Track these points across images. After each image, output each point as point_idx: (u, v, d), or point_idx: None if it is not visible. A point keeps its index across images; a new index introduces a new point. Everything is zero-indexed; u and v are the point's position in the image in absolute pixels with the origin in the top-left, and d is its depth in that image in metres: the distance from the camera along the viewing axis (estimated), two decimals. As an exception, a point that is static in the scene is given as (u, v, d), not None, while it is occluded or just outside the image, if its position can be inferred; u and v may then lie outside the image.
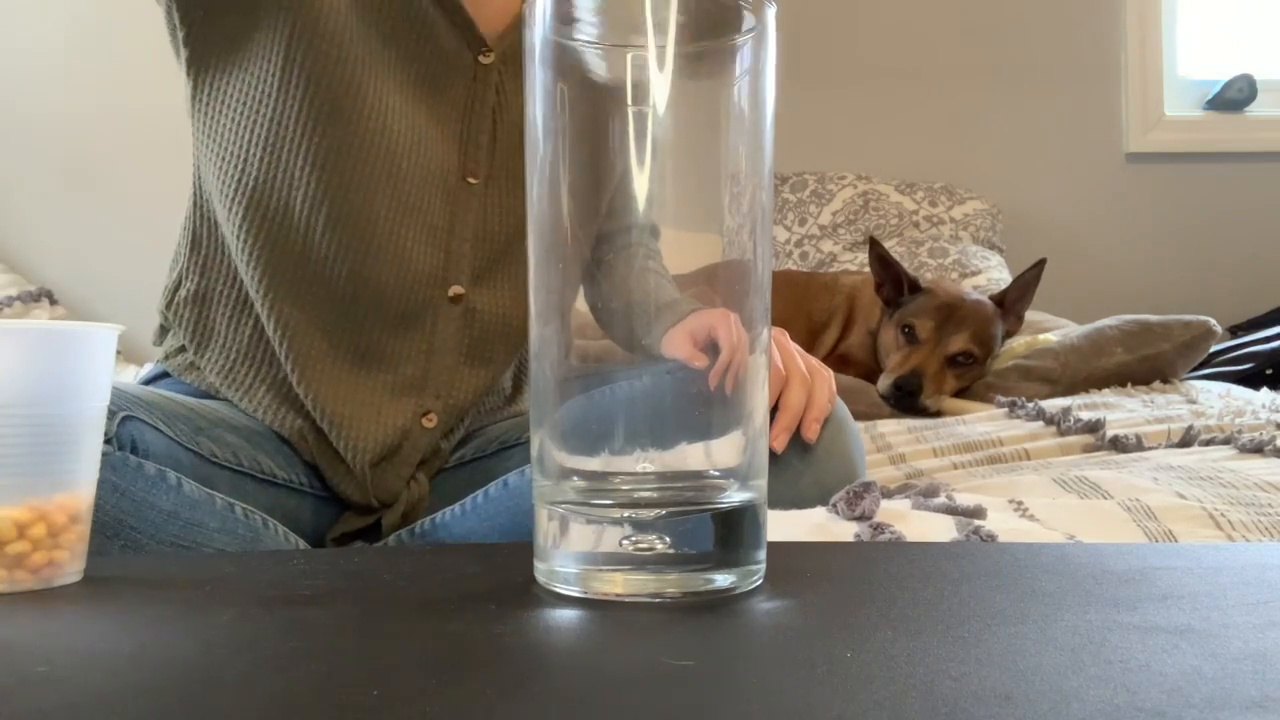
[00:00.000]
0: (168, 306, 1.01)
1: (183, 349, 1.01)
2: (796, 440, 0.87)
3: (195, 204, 0.99)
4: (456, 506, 0.90)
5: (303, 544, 0.86)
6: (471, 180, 0.97)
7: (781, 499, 0.81)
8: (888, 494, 0.88)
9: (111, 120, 2.51)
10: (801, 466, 0.86)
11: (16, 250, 2.50)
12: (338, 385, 0.94)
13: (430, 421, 0.97)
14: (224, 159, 0.94)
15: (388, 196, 0.92)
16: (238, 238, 0.94)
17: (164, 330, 1.04)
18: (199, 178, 0.99)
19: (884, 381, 1.72)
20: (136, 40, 2.38)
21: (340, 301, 0.94)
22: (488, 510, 0.88)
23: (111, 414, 0.78)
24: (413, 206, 0.94)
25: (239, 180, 0.93)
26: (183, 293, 0.99)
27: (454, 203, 0.96)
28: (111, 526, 0.74)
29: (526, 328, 0.48)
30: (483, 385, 1.00)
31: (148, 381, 1.04)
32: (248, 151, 0.92)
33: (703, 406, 0.45)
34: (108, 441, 0.77)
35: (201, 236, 0.99)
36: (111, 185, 2.52)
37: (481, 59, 0.97)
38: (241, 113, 0.92)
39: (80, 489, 0.51)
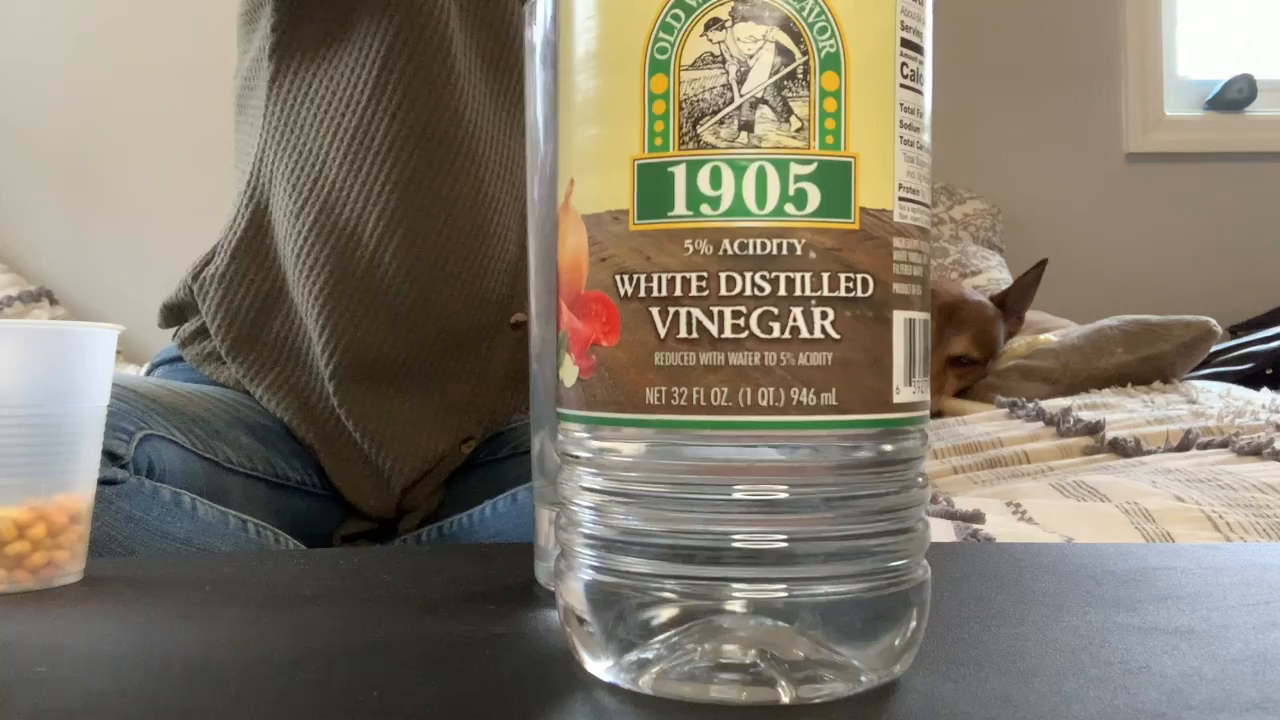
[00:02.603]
0: (194, 278, 0.96)
1: (199, 335, 0.97)
2: None
3: (249, 185, 0.94)
4: (464, 517, 0.89)
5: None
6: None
7: None
8: None
9: (112, 121, 2.51)
10: None
11: (16, 250, 2.50)
12: (381, 405, 0.91)
13: (469, 448, 0.95)
14: (299, 157, 0.89)
15: (467, 222, 0.89)
16: (300, 241, 0.89)
17: (175, 312, 1.00)
18: (260, 161, 0.93)
19: None
20: (137, 41, 2.38)
21: (400, 323, 0.90)
22: (496, 525, 0.87)
23: (129, 434, 0.77)
24: (491, 233, 0.91)
25: (314, 183, 0.88)
26: (212, 269, 0.95)
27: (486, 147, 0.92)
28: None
29: None
30: (521, 410, 0.98)
31: (160, 363, 1.01)
32: (327, 155, 0.88)
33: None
34: (124, 466, 0.75)
35: (243, 219, 0.94)
36: (111, 185, 2.52)
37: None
38: (326, 111, 0.88)
39: (80, 489, 0.51)
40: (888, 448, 0.32)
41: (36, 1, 2.49)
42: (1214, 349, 1.81)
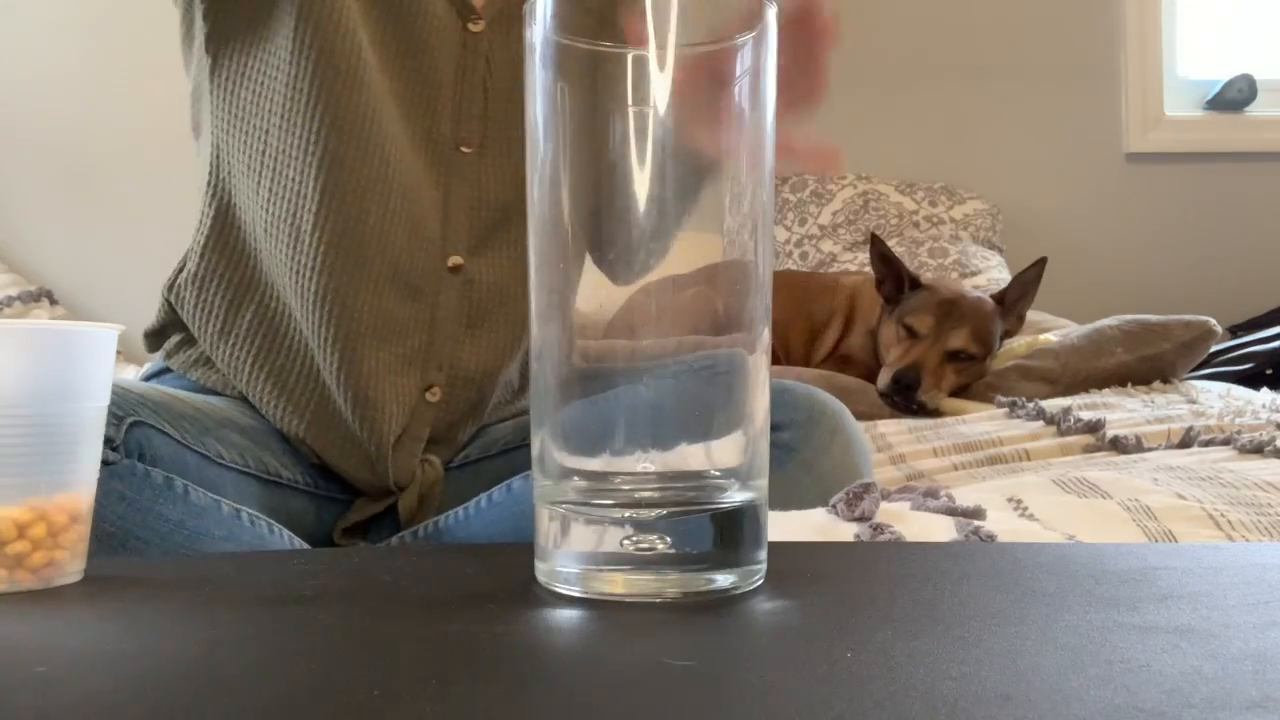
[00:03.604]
0: (170, 289, 1.01)
1: (184, 344, 1.01)
2: (800, 453, 0.86)
3: (210, 185, 0.99)
4: (460, 510, 0.90)
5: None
6: (465, 150, 0.98)
7: (784, 506, 0.81)
8: (887, 495, 0.88)
9: (112, 121, 2.51)
10: (808, 482, 0.85)
11: (16, 250, 2.50)
12: (363, 363, 0.94)
13: (434, 396, 0.97)
14: (248, 134, 0.95)
15: (384, 164, 0.93)
16: (264, 213, 0.94)
17: (158, 335, 1.04)
18: (216, 156, 0.99)
19: (883, 376, 1.73)
20: (136, 42, 2.38)
21: (363, 271, 0.94)
22: (492, 515, 0.88)
23: (119, 419, 0.78)
24: (411, 175, 0.95)
25: (263, 154, 0.94)
26: (183, 276, 1.00)
27: (449, 172, 0.97)
28: (117, 537, 0.74)
29: (525, 298, 0.48)
30: (486, 360, 1.00)
31: (149, 377, 1.04)
32: (267, 122, 0.93)
33: (703, 407, 0.45)
34: (115, 449, 0.76)
35: (208, 218, 0.99)
36: (111, 186, 2.52)
37: (471, 27, 0.98)
38: (261, 83, 0.94)
39: (80, 489, 0.51)
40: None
41: (37, 2, 2.50)
42: (1214, 349, 1.82)
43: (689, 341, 0.45)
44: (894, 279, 1.86)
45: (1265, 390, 1.60)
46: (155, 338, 1.04)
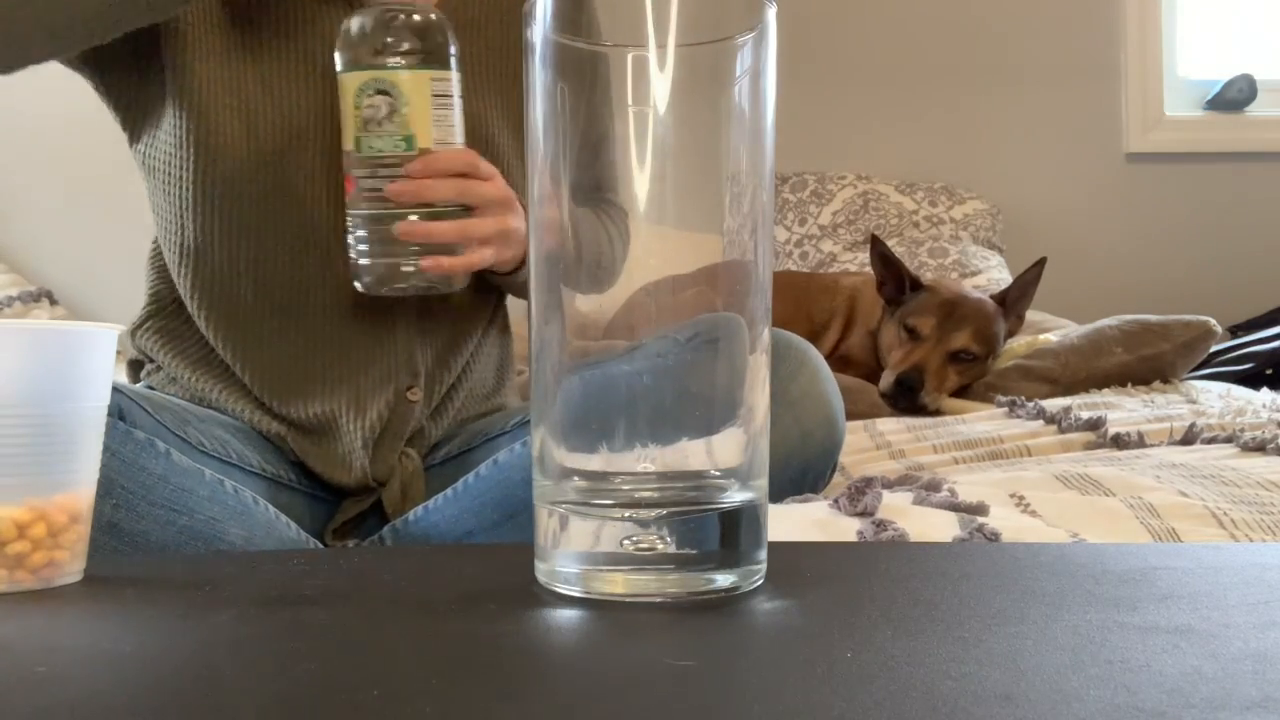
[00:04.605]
0: (133, 332, 1.03)
1: (159, 368, 1.02)
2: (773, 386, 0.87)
3: (154, 247, 1.02)
4: (449, 490, 0.90)
5: (293, 526, 0.86)
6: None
7: None
8: (889, 485, 0.88)
9: (112, 122, 2.50)
10: (779, 410, 0.86)
11: (16, 250, 2.49)
12: (313, 385, 0.95)
13: (414, 395, 0.98)
14: (169, 219, 0.97)
15: (311, 226, 0.93)
16: (205, 299, 0.96)
17: (137, 365, 1.05)
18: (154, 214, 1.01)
19: (885, 379, 1.72)
20: (136, 40, 2.38)
21: (308, 316, 0.95)
22: (479, 489, 0.88)
23: None
24: (328, 180, 0.93)
25: (194, 238, 0.95)
26: (147, 325, 1.02)
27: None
28: (103, 485, 0.74)
29: (479, 286, 0.48)
30: (453, 342, 1.00)
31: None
32: (185, 209, 0.95)
33: (703, 405, 0.45)
34: None
35: (158, 258, 1.02)
36: (111, 186, 2.52)
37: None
38: (169, 175, 0.95)
39: (80, 489, 0.51)
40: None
41: (36, 2, 2.49)
42: (1214, 349, 1.81)
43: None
44: (895, 280, 1.86)
45: (1265, 390, 1.59)
46: (136, 367, 1.06)
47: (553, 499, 0.46)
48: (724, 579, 0.45)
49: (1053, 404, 1.45)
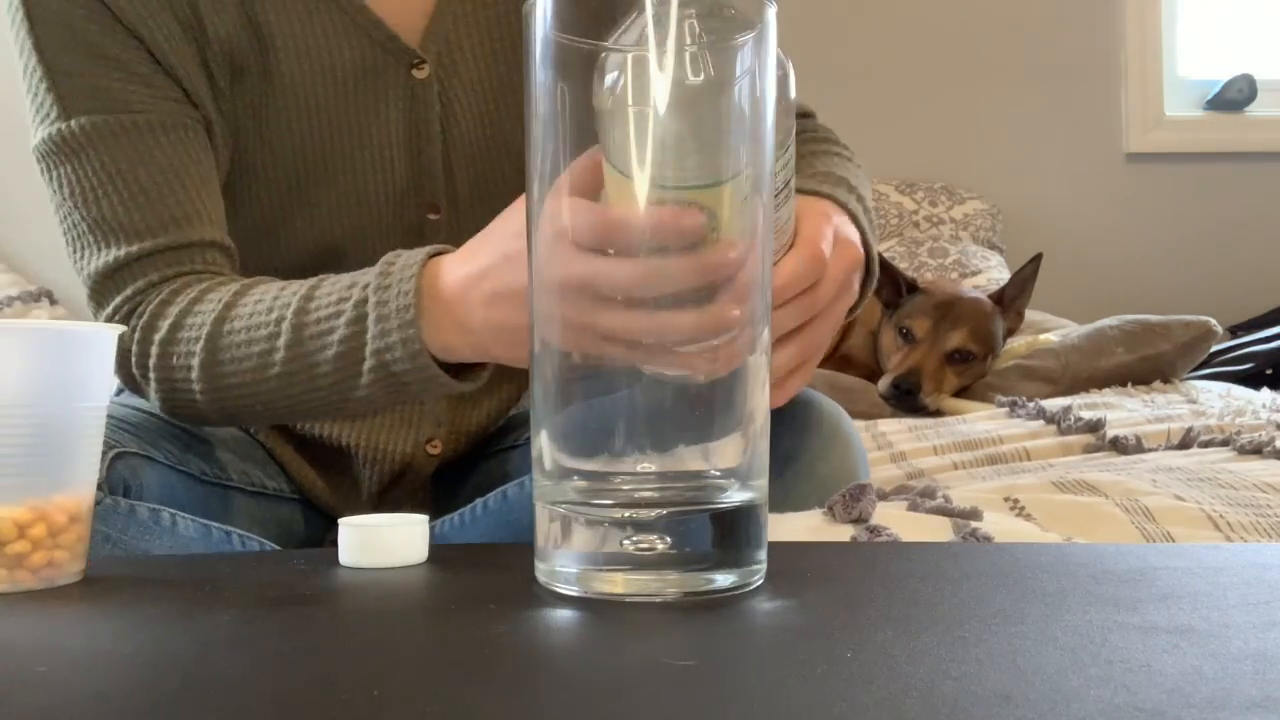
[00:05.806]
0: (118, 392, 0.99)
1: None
2: (797, 460, 0.84)
3: None
4: (455, 516, 0.89)
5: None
6: (433, 216, 0.89)
7: (778, 507, 0.80)
8: (883, 495, 0.88)
9: (111, 120, 2.50)
10: (803, 488, 0.84)
11: (16, 250, 2.49)
12: (329, 429, 0.93)
13: (434, 448, 0.96)
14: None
15: (355, 233, 0.89)
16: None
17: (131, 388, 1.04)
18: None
19: (883, 382, 1.73)
20: (136, 40, 2.38)
21: None
22: (487, 523, 0.87)
23: (101, 453, 0.76)
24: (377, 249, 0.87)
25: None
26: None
27: (421, 242, 0.85)
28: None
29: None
30: (484, 417, 0.98)
31: (123, 391, 1.03)
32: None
33: (703, 407, 0.45)
34: (99, 486, 0.75)
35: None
36: (111, 185, 2.52)
37: (415, 73, 0.85)
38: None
39: (80, 489, 0.51)
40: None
41: (36, 2, 2.49)
42: (1214, 349, 1.82)
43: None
44: (891, 284, 1.86)
45: (1265, 390, 1.59)
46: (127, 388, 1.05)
47: (553, 499, 0.46)
48: (723, 579, 0.45)
49: (1053, 404, 1.45)
